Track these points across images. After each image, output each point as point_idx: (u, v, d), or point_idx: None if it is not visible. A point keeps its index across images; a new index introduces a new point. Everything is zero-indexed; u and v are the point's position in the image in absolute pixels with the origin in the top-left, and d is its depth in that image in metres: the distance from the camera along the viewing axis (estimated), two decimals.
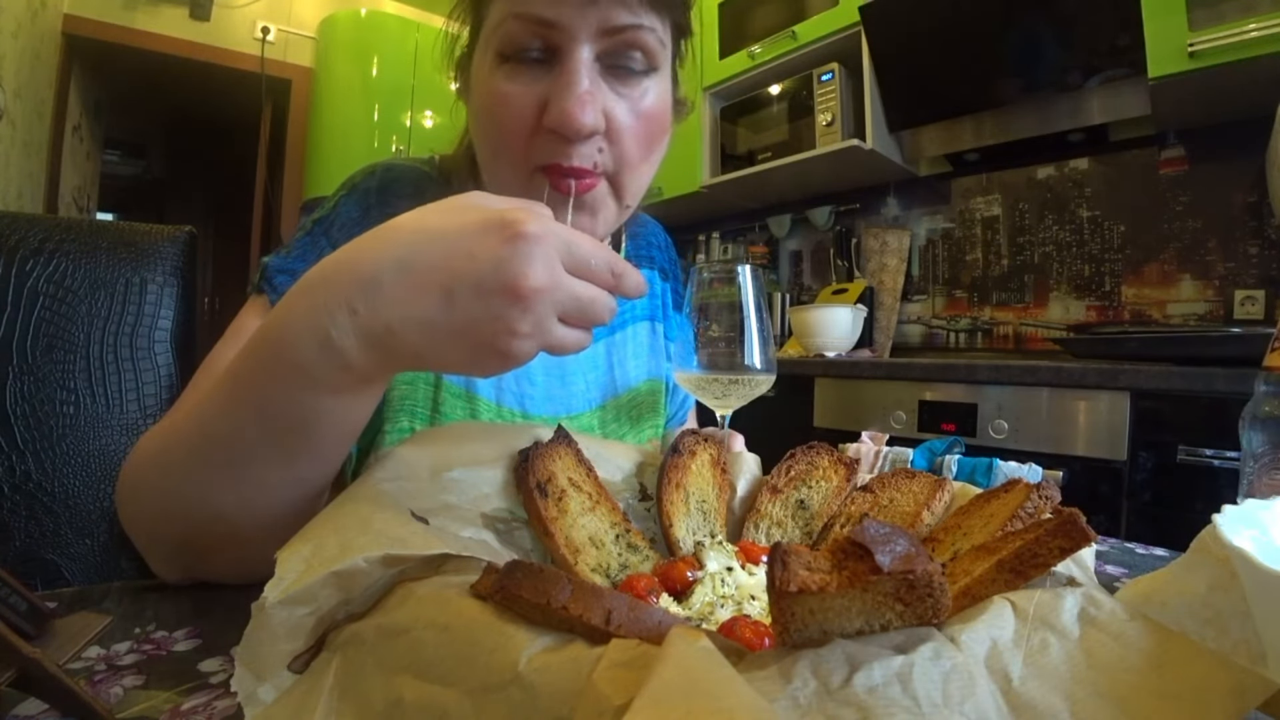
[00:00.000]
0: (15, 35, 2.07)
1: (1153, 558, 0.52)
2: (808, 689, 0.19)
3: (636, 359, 0.67)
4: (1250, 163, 1.53)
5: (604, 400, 0.63)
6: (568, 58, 0.42)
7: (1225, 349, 1.22)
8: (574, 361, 0.62)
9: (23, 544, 0.59)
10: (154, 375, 0.67)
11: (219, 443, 0.34)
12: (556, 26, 0.42)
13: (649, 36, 0.44)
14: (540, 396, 0.59)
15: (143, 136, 3.94)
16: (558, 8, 0.41)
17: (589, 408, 0.61)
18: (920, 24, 1.82)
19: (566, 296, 0.30)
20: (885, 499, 0.43)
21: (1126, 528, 1.23)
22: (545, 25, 0.42)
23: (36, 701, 0.26)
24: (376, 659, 0.24)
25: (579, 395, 0.61)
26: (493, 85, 0.44)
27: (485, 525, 0.36)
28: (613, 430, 0.62)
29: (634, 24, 0.43)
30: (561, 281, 0.29)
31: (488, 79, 0.45)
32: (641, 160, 0.48)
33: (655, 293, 0.72)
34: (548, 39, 0.42)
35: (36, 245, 0.64)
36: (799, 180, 2.28)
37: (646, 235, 0.72)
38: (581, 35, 0.42)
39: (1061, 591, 0.24)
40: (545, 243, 0.29)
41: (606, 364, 0.64)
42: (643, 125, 0.46)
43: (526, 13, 0.41)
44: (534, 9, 0.41)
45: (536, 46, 0.43)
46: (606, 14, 0.42)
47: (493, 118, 0.45)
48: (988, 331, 2.03)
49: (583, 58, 0.42)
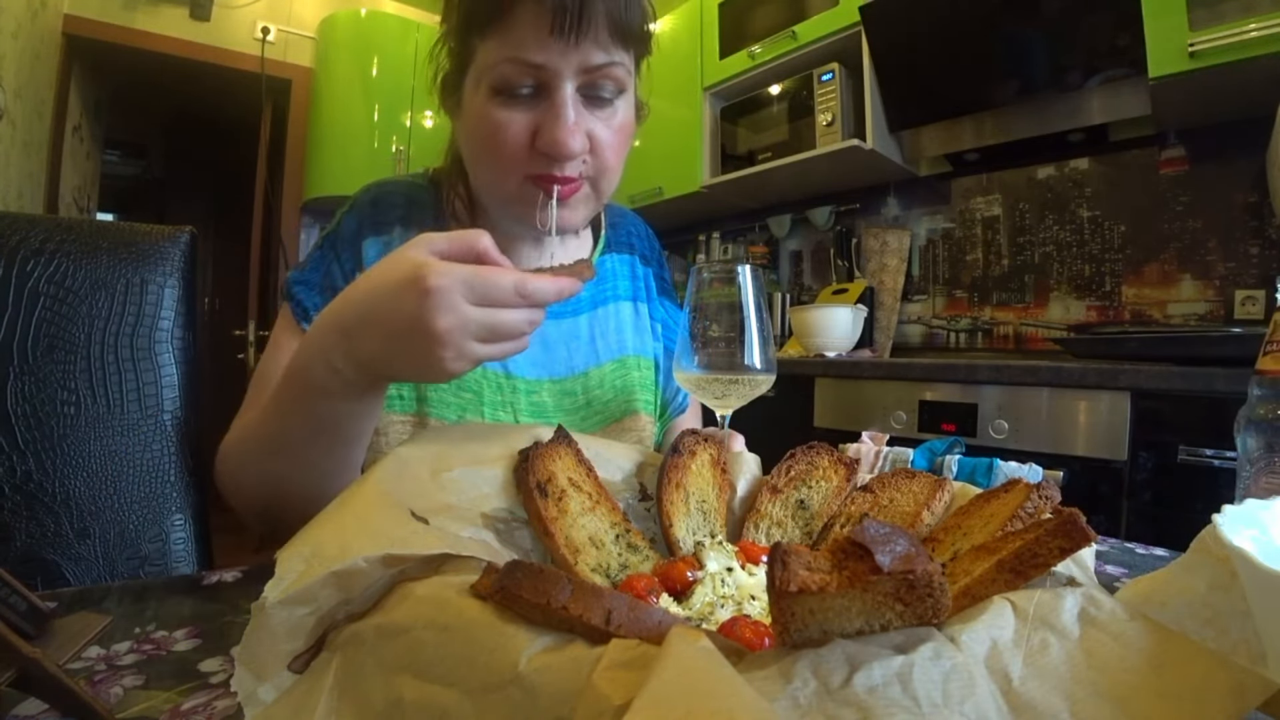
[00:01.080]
0: (15, 35, 2.07)
1: (1153, 558, 0.52)
2: (808, 689, 0.19)
3: (619, 334, 0.72)
4: (1250, 162, 1.53)
5: (587, 368, 0.68)
6: (555, 93, 0.50)
7: (1225, 349, 1.22)
8: (555, 332, 0.67)
9: (23, 544, 0.59)
10: (154, 375, 0.67)
11: (277, 439, 0.47)
12: (545, 69, 0.49)
13: (619, 70, 0.52)
14: (524, 360, 0.64)
15: (143, 136, 3.94)
16: (546, 53, 0.49)
17: (571, 373, 0.67)
18: (920, 24, 1.82)
19: (477, 326, 0.37)
20: (885, 499, 0.43)
21: (1126, 528, 1.23)
22: (535, 67, 0.49)
23: (36, 701, 0.26)
24: (376, 659, 0.24)
25: (561, 361, 0.67)
26: (490, 114, 0.52)
27: (485, 525, 0.36)
28: (597, 396, 0.68)
29: (608, 62, 0.51)
30: (467, 316, 0.36)
31: (483, 108, 0.52)
32: (617, 164, 0.57)
33: (637, 275, 0.77)
34: (537, 78, 0.50)
35: (37, 246, 0.64)
36: (799, 180, 2.28)
37: (626, 225, 0.79)
38: (566, 74, 0.50)
39: (1061, 591, 0.24)
40: (447, 291, 0.36)
41: (589, 337, 0.70)
42: (617, 138, 0.55)
43: (519, 57, 0.49)
44: (527, 55, 0.49)
45: (528, 84, 0.50)
46: (586, 56, 0.50)
47: (491, 141, 0.52)
48: (988, 331, 2.03)
49: (568, 92, 0.50)
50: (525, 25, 0.48)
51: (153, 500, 0.65)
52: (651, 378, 0.74)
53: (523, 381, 0.64)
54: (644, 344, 0.74)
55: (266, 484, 0.49)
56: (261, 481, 0.50)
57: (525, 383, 0.64)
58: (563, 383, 0.66)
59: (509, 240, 0.63)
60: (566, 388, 0.66)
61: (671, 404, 0.77)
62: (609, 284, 0.73)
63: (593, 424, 0.67)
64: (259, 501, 0.51)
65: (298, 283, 0.60)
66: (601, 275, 0.72)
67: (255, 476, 0.50)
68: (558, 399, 0.65)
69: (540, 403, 0.64)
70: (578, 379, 0.67)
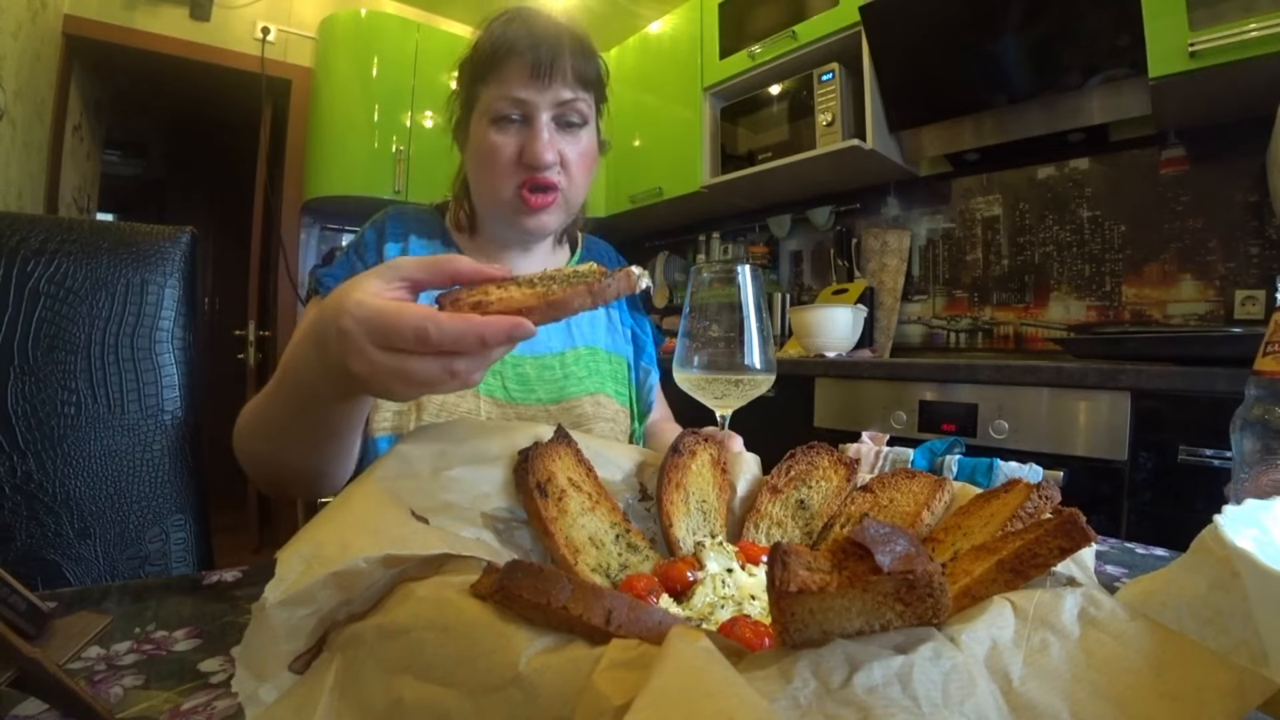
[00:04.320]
0: (15, 35, 2.07)
1: (1153, 558, 0.52)
2: (808, 689, 0.19)
3: (593, 328, 0.82)
4: (1251, 162, 1.53)
5: (564, 349, 0.78)
6: (534, 121, 0.68)
7: (1226, 349, 1.22)
8: None
9: (24, 544, 0.59)
10: (155, 375, 0.67)
11: (271, 428, 0.52)
12: (527, 102, 0.67)
13: (582, 105, 0.70)
14: None
15: (143, 136, 3.93)
16: (528, 91, 0.67)
17: (550, 351, 0.77)
18: (920, 24, 1.82)
19: (386, 372, 0.35)
20: (885, 499, 0.43)
21: (1127, 528, 1.23)
22: (520, 101, 0.67)
23: (36, 701, 0.26)
24: (377, 659, 0.24)
25: (540, 341, 0.76)
26: (487, 138, 0.69)
27: (485, 525, 0.36)
28: (573, 372, 0.77)
29: (573, 98, 0.69)
30: (377, 363, 0.35)
31: (483, 136, 0.69)
32: (583, 181, 0.73)
33: None
34: (522, 110, 0.68)
35: (37, 246, 0.64)
36: (799, 180, 2.28)
37: (598, 249, 0.94)
38: (542, 106, 0.68)
39: (1061, 591, 0.24)
40: (354, 336, 0.35)
41: (564, 324, 0.79)
42: (583, 159, 0.72)
43: (509, 94, 0.67)
44: (514, 92, 0.67)
45: (516, 114, 0.68)
46: (558, 93, 0.68)
47: (489, 159, 0.69)
48: (988, 332, 2.03)
49: (544, 120, 0.68)
50: (513, 71, 0.67)
51: (153, 500, 0.65)
52: (624, 374, 0.84)
53: (510, 355, 0.72)
54: (615, 343, 0.85)
55: (269, 464, 0.55)
56: (265, 460, 0.56)
57: (512, 356, 0.74)
58: (543, 359, 0.76)
59: (501, 247, 0.78)
60: (546, 363, 0.76)
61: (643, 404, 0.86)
62: None
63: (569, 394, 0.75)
64: (265, 475, 0.58)
65: (327, 276, 0.69)
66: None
67: (261, 452, 0.56)
68: (539, 371, 0.75)
69: (524, 374, 0.73)
70: (555, 357, 0.77)
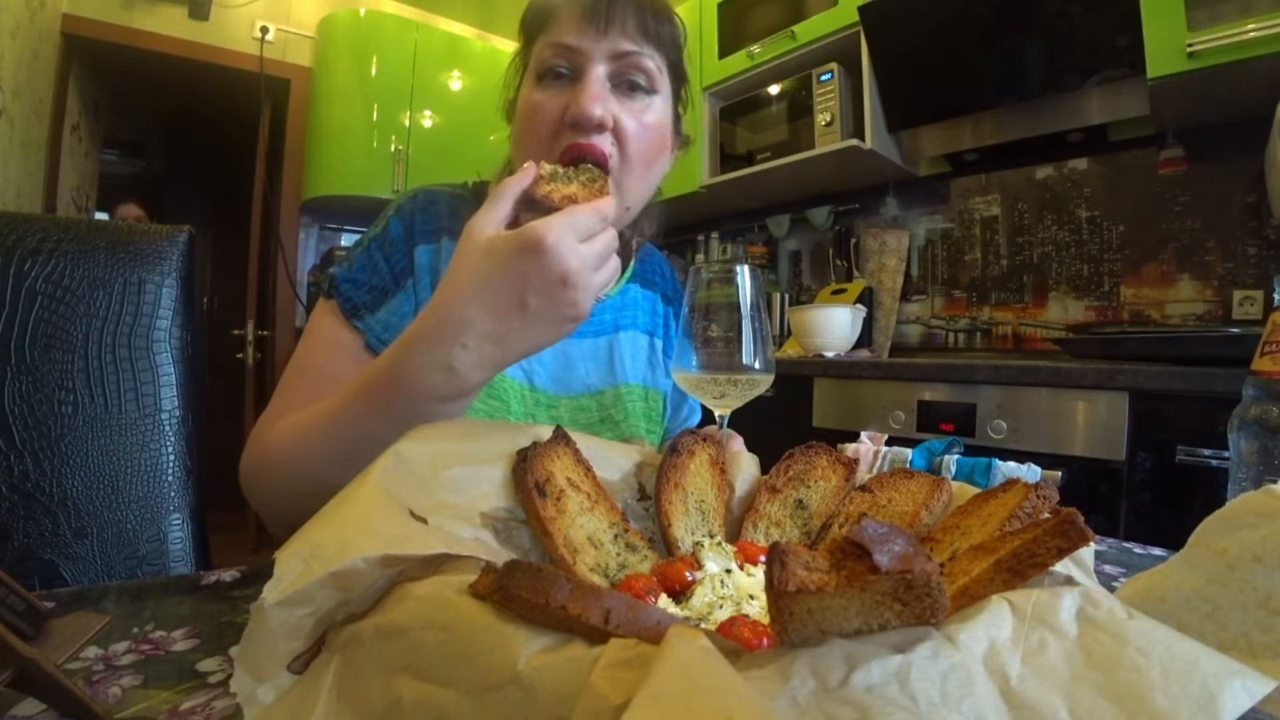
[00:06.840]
0: (14, 35, 2.06)
1: (1151, 557, 0.52)
2: (806, 688, 0.19)
3: (635, 361, 0.76)
4: (1249, 163, 1.53)
5: (602, 388, 0.72)
6: (585, 74, 0.56)
7: (1224, 349, 1.22)
8: (578, 350, 0.71)
9: (21, 544, 0.59)
10: (152, 375, 0.67)
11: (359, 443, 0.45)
12: (578, 51, 0.56)
13: (647, 61, 0.58)
14: (546, 374, 0.68)
15: (142, 136, 3.92)
16: (579, 37, 0.56)
17: (587, 391, 0.71)
18: (919, 24, 1.82)
19: (595, 259, 0.41)
20: (884, 499, 0.43)
21: (1125, 528, 1.24)
22: (569, 50, 0.57)
23: (34, 701, 0.26)
24: (375, 659, 0.24)
25: (579, 379, 0.70)
26: (531, 97, 0.58)
27: (484, 524, 0.36)
28: (610, 415, 0.71)
29: (635, 50, 0.57)
30: (585, 252, 0.40)
31: (528, 94, 0.59)
32: (642, 167, 0.59)
33: (657, 312, 0.81)
34: (571, 60, 0.57)
35: (35, 245, 0.64)
36: (798, 180, 2.28)
37: (654, 263, 0.83)
38: (596, 56, 0.56)
39: (1059, 591, 0.24)
40: (563, 238, 0.39)
41: (608, 358, 0.73)
42: (645, 133, 0.58)
43: (557, 41, 0.57)
44: (563, 38, 0.57)
45: (564, 65, 0.57)
46: (615, 43, 0.57)
47: (531, 118, 0.58)
48: (987, 332, 2.04)
49: (597, 73, 0.56)
50: (564, 17, 0.57)
51: (151, 500, 0.65)
52: (659, 411, 0.78)
53: (544, 395, 0.68)
54: (656, 378, 0.78)
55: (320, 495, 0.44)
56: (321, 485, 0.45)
57: (547, 396, 0.68)
58: (579, 399, 0.70)
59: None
60: (582, 404, 0.70)
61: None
62: (630, 312, 0.77)
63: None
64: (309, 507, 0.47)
65: (345, 279, 0.61)
66: (625, 303, 0.77)
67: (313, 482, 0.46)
68: (573, 414, 0.69)
69: (558, 416, 0.68)
70: (593, 396, 0.71)
